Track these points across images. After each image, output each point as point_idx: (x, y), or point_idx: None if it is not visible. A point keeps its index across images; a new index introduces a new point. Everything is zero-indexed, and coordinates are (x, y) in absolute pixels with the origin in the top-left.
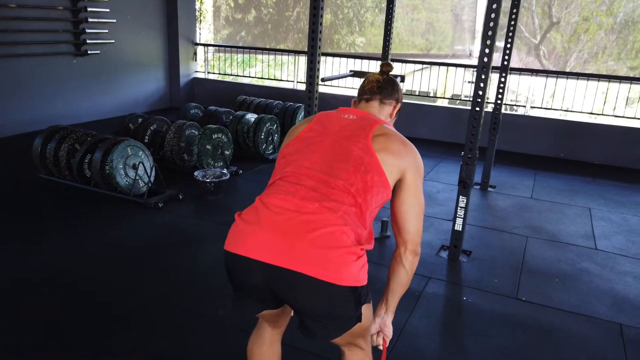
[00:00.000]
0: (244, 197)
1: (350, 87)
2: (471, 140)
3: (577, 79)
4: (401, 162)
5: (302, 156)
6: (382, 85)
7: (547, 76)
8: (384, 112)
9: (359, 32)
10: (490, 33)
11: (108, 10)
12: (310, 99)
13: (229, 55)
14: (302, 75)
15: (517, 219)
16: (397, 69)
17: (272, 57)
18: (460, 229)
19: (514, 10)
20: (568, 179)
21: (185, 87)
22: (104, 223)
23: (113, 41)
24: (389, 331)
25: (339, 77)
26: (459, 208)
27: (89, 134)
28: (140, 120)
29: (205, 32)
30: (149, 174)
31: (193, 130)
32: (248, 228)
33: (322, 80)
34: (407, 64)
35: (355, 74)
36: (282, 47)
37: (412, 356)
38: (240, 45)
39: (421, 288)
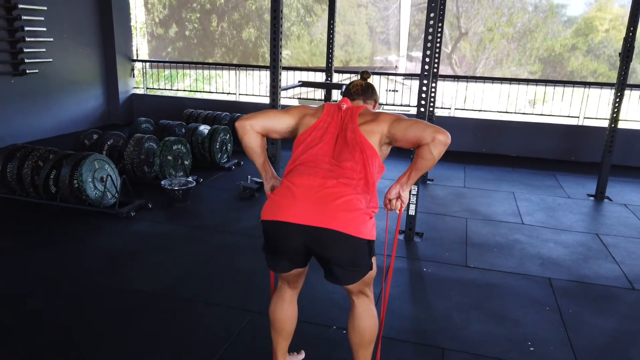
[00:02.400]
0: (210, 203)
1: (298, 97)
2: None
3: (492, 82)
4: (378, 126)
5: (316, 145)
6: (364, 89)
7: (467, 81)
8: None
9: (285, 45)
10: (429, 45)
11: (45, 29)
12: (274, 107)
13: (155, 71)
14: (244, 88)
15: (455, 205)
16: (337, 78)
17: (199, 71)
18: (414, 214)
19: (439, 24)
20: (492, 169)
21: (124, 103)
22: (82, 234)
23: (51, 60)
24: (405, 197)
25: (292, 87)
26: (411, 196)
27: (51, 150)
28: (95, 136)
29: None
30: (116, 186)
31: (151, 143)
32: (285, 201)
33: (300, 82)
34: (343, 74)
35: (304, 84)
36: (210, 61)
37: (391, 316)
38: (177, 60)
39: (388, 265)
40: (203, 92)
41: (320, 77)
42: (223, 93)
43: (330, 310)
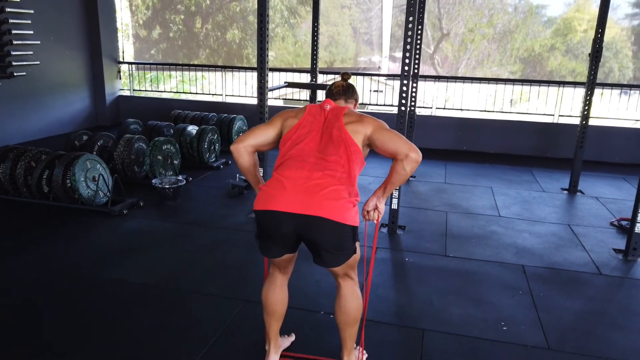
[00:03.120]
0: (200, 200)
1: (283, 97)
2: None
3: (472, 82)
4: (363, 127)
5: (302, 141)
6: (345, 89)
7: (447, 81)
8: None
9: (269, 47)
10: (409, 46)
11: (32, 32)
12: (262, 107)
13: (140, 73)
14: (230, 89)
15: (436, 199)
16: (321, 79)
17: (185, 73)
18: (396, 208)
19: (419, 27)
20: (471, 166)
21: (111, 105)
22: (76, 232)
23: (38, 62)
24: (382, 209)
25: (278, 88)
26: (394, 191)
27: (43, 151)
28: (85, 137)
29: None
30: (108, 185)
31: (141, 144)
32: (276, 192)
33: (285, 83)
34: (328, 75)
35: (290, 84)
36: (196, 62)
37: (376, 301)
38: (163, 62)
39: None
40: (189, 93)
41: (305, 78)
42: (209, 94)
43: (318, 297)
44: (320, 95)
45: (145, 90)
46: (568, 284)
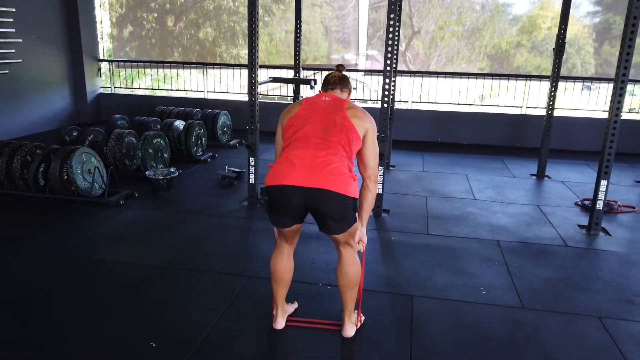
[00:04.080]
0: (192, 191)
1: (266, 94)
2: (386, 129)
3: (445, 77)
4: (365, 123)
5: (305, 126)
6: (341, 79)
7: (422, 76)
8: (343, 97)
9: (243, 44)
10: (390, 42)
11: (14, 30)
12: (252, 102)
13: (116, 70)
14: (212, 85)
15: (416, 186)
16: (304, 74)
17: (160, 71)
18: (381, 193)
19: (396, 24)
20: (447, 156)
21: (92, 103)
22: (76, 221)
23: (20, 60)
24: (364, 238)
25: (264, 83)
26: (379, 177)
27: (38, 145)
28: (75, 132)
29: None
30: (103, 177)
31: (131, 138)
32: (285, 169)
33: (270, 78)
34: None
35: (275, 79)
36: (170, 60)
37: (369, 274)
38: (140, 60)
39: None
40: (171, 90)
41: (285, 74)
42: (191, 91)
43: (315, 272)
44: (303, 90)
45: (127, 88)
46: (538, 255)
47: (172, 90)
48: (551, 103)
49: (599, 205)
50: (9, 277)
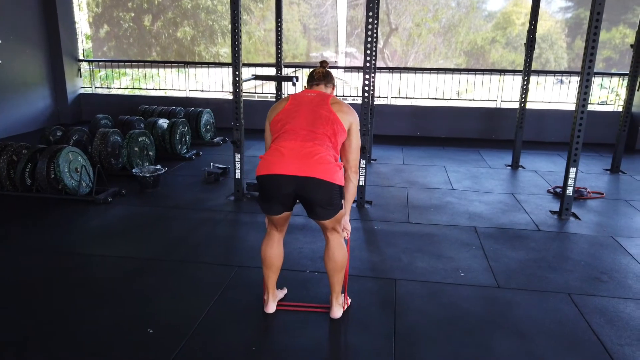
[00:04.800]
0: (178, 188)
1: (247, 92)
2: (367, 124)
3: (422, 73)
4: (349, 117)
5: (293, 120)
6: (325, 75)
7: (400, 72)
8: (328, 92)
9: (222, 43)
10: (369, 39)
11: None
12: (237, 102)
13: (95, 70)
14: (193, 84)
15: (397, 178)
16: (286, 72)
17: (138, 70)
18: (364, 185)
19: (375, 22)
20: (426, 149)
21: (73, 103)
22: (66, 219)
23: (0, 62)
24: (348, 226)
25: (247, 80)
26: (361, 169)
27: (24, 145)
28: (59, 132)
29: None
30: (90, 176)
31: (116, 137)
32: (276, 159)
33: (253, 75)
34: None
35: (257, 77)
36: (149, 59)
37: (354, 260)
38: (120, 59)
39: None
40: (151, 89)
41: (266, 72)
42: (172, 90)
43: (302, 260)
44: (286, 87)
45: (107, 88)
46: (513, 239)
47: (153, 89)
48: (524, 97)
49: (569, 191)
50: (1, 271)
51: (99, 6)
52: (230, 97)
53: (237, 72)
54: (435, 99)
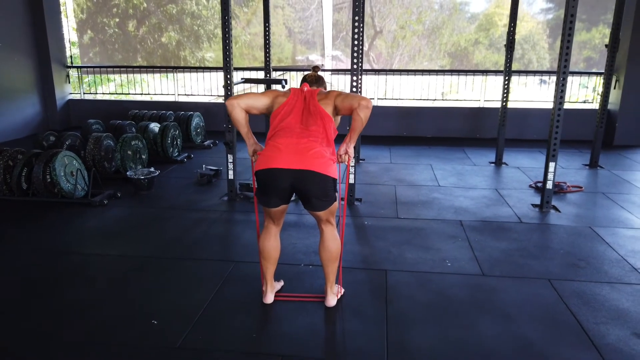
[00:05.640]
0: (172, 189)
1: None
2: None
3: (407, 74)
4: (329, 100)
5: (288, 117)
6: (316, 79)
7: (386, 74)
8: None
9: (208, 47)
10: (356, 42)
11: None
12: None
13: (79, 77)
14: (181, 88)
15: (385, 176)
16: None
17: (125, 76)
18: (353, 183)
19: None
20: (412, 148)
21: (62, 109)
22: (63, 221)
23: None
24: (351, 152)
25: (236, 84)
26: (351, 167)
27: (19, 151)
28: (52, 138)
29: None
30: (85, 179)
31: (109, 141)
32: (274, 154)
33: (242, 79)
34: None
35: (247, 80)
36: (134, 65)
37: (346, 254)
38: (108, 65)
39: (337, 221)
40: (138, 94)
41: (254, 75)
42: (160, 94)
43: (297, 254)
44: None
45: (97, 93)
46: (497, 231)
47: (141, 94)
48: (505, 96)
49: (549, 185)
50: (2, 270)
51: (84, 12)
52: (218, 100)
53: (228, 76)
54: (421, 99)
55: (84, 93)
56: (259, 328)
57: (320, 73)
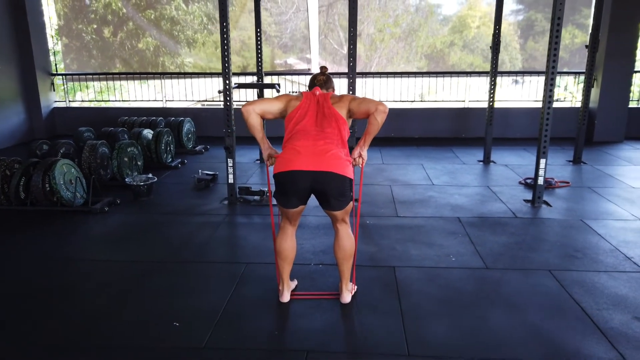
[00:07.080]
0: (171, 195)
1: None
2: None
3: (387, 77)
4: (343, 103)
5: (303, 120)
6: (325, 81)
7: (373, 77)
8: None
9: (187, 53)
10: (352, 47)
11: None
12: (228, 110)
13: (57, 85)
14: (169, 94)
15: (379, 177)
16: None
17: (103, 83)
18: None
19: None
20: (403, 149)
21: (47, 118)
22: (66, 228)
23: None
24: (365, 155)
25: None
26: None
27: (15, 160)
28: (45, 146)
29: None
30: (84, 187)
31: (104, 149)
32: (292, 157)
33: (219, 92)
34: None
35: (240, 86)
36: (114, 71)
37: None
38: (95, 72)
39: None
40: (125, 101)
41: (243, 79)
42: (146, 100)
43: (306, 254)
44: (268, 93)
45: (81, 101)
46: (494, 226)
47: (127, 101)
48: (492, 96)
49: (540, 181)
50: (11, 277)
51: (60, 18)
52: (211, 106)
53: (227, 82)
54: (406, 101)
55: (69, 101)
56: (279, 326)
57: (329, 75)
